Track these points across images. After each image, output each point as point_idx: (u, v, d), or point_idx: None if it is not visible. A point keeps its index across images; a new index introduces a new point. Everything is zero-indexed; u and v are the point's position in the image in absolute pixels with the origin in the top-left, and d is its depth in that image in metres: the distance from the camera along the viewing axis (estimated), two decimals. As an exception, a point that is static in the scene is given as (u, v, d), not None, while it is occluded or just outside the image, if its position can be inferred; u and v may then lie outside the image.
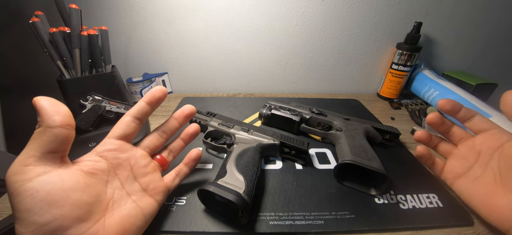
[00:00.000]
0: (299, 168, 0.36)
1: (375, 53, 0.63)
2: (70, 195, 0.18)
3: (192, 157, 0.30)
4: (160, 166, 0.28)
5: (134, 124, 0.25)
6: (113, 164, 0.23)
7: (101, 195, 0.21)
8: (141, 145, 0.27)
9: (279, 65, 0.65)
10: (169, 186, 0.28)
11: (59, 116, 0.18)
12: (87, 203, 0.19)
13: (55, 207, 0.17)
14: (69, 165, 0.20)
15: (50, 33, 0.37)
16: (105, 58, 0.45)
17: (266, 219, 0.27)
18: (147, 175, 0.25)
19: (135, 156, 0.25)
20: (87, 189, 0.20)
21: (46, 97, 0.18)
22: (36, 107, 0.17)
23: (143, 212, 0.23)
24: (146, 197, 0.24)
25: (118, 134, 0.24)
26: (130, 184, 0.24)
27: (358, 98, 0.64)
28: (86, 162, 0.21)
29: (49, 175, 0.18)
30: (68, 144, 0.19)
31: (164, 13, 0.56)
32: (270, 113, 0.46)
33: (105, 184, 0.22)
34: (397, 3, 0.56)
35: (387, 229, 0.27)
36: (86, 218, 0.19)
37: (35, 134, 0.18)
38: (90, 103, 0.41)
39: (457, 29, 0.59)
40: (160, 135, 0.28)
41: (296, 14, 0.57)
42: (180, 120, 0.29)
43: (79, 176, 0.20)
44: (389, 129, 0.41)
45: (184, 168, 0.30)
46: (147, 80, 0.61)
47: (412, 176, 0.35)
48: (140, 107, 0.25)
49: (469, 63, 0.65)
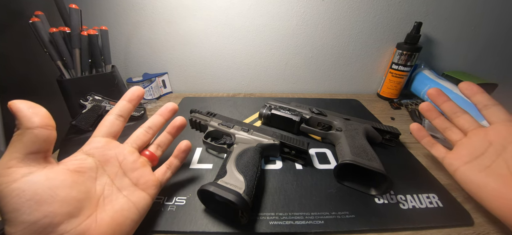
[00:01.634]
0: (299, 168, 0.36)
1: (375, 53, 0.63)
2: (57, 192, 0.18)
3: (181, 149, 0.31)
4: (149, 161, 0.28)
5: (118, 121, 0.26)
6: (101, 161, 0.23)
7: (90, 191, 0.21)
8: (128, 141, 0.27)
9: (279, 65, 0.65)
10: (160, 179, 0.28)
11: (37, 117, 0.18)
12: (76, 199, 0.19)
13: (43, 205, 0.17)
14: (54, 165, 0.20)
15: (50, 33, 0.37)
16: (105, 58, 0.45)
17: (266, 219, 0.27)
18: (136, 170, 0.26)
19: (122, 153, 0.25)
20: (74, 186, 0.20)
21: (22, 101, 0.18)
22: (12, 110, 0.17)
23: (135, 206, 0.23)
24: (137, 191, 0.25)
25: (104, 131, 0.25)
26: (120, 180, 0.24)
27: (358, 98, 0.64)
28: (72, 161, 0.22)
29: (34, 175, 0.18)
30: (50, 144, 0.19)
31: (164, 13, 0.56)
32: (270, 113, 0.46)
33: (93, 181, 0.22)
34: (397, 3, 0.56)
35: (387, 229, 0.27)
36: (76, 214, 0.19)
37: (15, 137, 0.17)
38: (90, 103, 0.41)
39: (457, 29, 0.59)
40: (146, 130, 0.29)
41: (296, 14, 0.57)
42: (164, 115, 0.30)
43: (65, 174, 0.20)
44: (389, 129, 0.41)
45: (174, 161, 0.30)
46: (147, 80, 0.60)
47: (412, 176, 0.35)
48: (122, 105, 0.26)
49: (469, 63, 0.65)
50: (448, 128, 0.33)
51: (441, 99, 0.33)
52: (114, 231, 0.21)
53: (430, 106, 0.34)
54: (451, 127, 0.32)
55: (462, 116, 0.31)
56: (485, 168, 0.27)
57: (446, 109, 0.33)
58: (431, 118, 0.34)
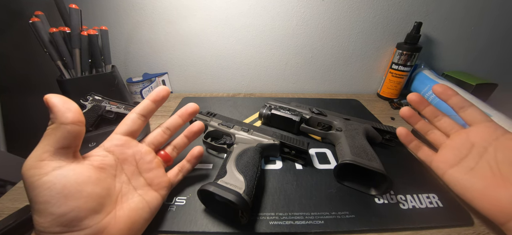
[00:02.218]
0: (299, 168, 0.36)
1: (375, 53, 0.63)
2: (84, 188, 0.19)
3: (194, 155, 0.31)
4: (164, 162, 0.28)
5: (140, 121, 0.26)
6: (120, 159, 0.24)
7: (111, 189, 0.22)
8: (145, 141, 0.27)
9: (279, 65, 0.65)
10: (172, 181, 0.29)
11: (70, 113, 0.19)
12: (99, 196, 0.20)
13: (71, 199, 0.18)
14: (80, 160, 0.21)
15: (50, 33, 0.37)
16: (105, 58, 0.45)
17: (266, 219, 0.27)
18: (152, 170, 0.26)
19: (140, 152, 0.26)
20: (98, 183, 0.21)
21: (57, 95, 0.19)
22: (48, 104, 0.18)
23: (149, 205, 0.24)
24: (151, 191, 0.25)
25: (125, 130, 0.25)
26: (135, 179, 0.25)
27: (358, 98, 0.64)
28: (95, 157, 0.22)
29: (64, 169, 0.18)
30: (79, 140, 0.20)
31: (164, 13, 0.56)
32: (270, 113, 0.46)
33: (113, 178, 0.23)
34: (397, 3, 0.56)
35: (387, 229, 0.27)
36: (99, 210, 0.20)
37: (49, 130, 0.18)
38: (90, 103, 0.41)
39: (457, 29, 0.59)
40: (164, 131, 0.29)
41: (296, 14, 0.57)
42: (183, 117, 0.30)
43: (90, 170, 0.21)
44: (389, 129, 0.41)
45: (186, 165, 0.31)
46: (147, 80, 0.60)
47: (412, 176, 0.35)
48: (146, 105, 0.26)
49: (469, 63, 0.65)
50: (431, 130, 0.33)
51: (423, 105, 0.33)
52: (129, 229, 0.21)
53: (411, 113, 0.34)
54: (433, 129, 0.33)
55: (443, 119, 0.32)
56: (470, 170, 0.28)
57: (427, 114, 0.33)
58: (413, 123, 0.35)
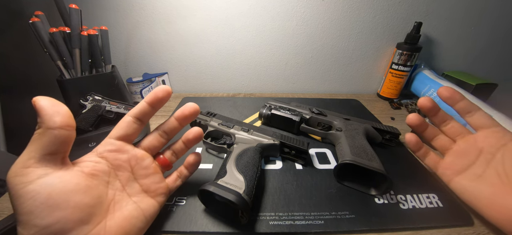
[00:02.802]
0: (299, 168, 0.36)
1: (375, 53, 0.63)
2: (71, 197, 0.18)
3: (190, 162, 0.29)
4: (162, 167, 0.27)
5: (135, 125, 0.24)
6: (114, 165, 0.23)
7: (102, 197, 0.21)
8: (141, 145, 0.26)
9: (279, 65, 0.65)
10: (170, 187, 0.27)
11: (59, 117, 0.17)
12: (88, 205, 0.19)
13: (56, 210, 0.17)
14: (69, 166, 0.20)
15: (50, 33, 0.37)
16: (105, 58, 0.45)
17: (266, 219, 0.27)
18: (148, 176, 0.25)
19: (135, 157, 0.24)
20: (88, 191, 0.20)
21: (46, 97, 0.18)
22: (35, 107, 0.17)
23: (144, 213, 0.23)
24: (147, 198, 0.24)
25: (119, 134, 0.24)
26: (130, 185, 0.24)
27: (358, 98, 0.64)
28: (87, 163, 0.21)
29: (49, 177, 0.17)
30: (68, 145, 0.19)
31: (164, 13, 0.56)
32: (270, 113, 0.46)
33: (106, 185, 0.22)
34: (397, 3, 0.56)
35: (387, 229, 0.27)
36: (88, 221, 0.19)
37: (35, 135, 0.17)
38: (90, 103, 0.41)
39: (457, 29, 0.59)
40: (161, 135, 0.26)
41: (296, 14, 0.57)
42: (180, 120, 0.27)
43: (80, 178, 0.19)
44: (389, 129, 0.41)
45: (184, 171, 0.29)
46: (147, 80, 0.60)
47: (412, 176, 0.35)
48: (142, 107, 0.24)
49: (469, 63, 0.65)
50: (437, 136, 0.32)
51: (435, 111, 0.31)
52: None
53: (420, 120, 0.32)
54: (440, 135, 0.32)
55: (451, 124, 0.31)
56: (477, 177, 0.27)
57: (438, 119, 0.32)
58: (421, 131, 0.33)
